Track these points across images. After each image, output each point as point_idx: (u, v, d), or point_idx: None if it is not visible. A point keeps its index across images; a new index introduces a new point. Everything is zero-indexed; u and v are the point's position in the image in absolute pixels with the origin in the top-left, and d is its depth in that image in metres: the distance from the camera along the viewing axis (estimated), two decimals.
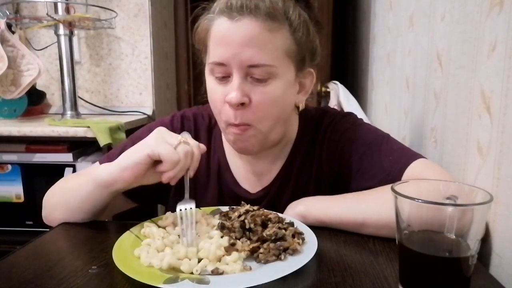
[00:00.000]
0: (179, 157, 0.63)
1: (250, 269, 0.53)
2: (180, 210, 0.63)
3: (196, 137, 0.84)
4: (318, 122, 0.81)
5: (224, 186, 0.82)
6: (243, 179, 0.82)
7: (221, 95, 0.70)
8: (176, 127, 0.83)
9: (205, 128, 0.84)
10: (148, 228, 0.63)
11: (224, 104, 0.70)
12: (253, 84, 0.68)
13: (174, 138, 0.65)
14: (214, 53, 0.69)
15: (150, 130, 0.83)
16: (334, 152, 0.78)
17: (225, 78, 0.69)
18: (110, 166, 0.67)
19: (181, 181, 0.68)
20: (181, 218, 0.62)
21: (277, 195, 0.80)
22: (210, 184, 0.82)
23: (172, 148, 0.63)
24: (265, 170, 0.81)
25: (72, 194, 0.73)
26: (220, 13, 0.68)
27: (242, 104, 0.68)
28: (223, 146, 0.83)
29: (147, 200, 0.85)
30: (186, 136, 0.67)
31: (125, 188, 0.67)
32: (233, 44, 0.66)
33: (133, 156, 0.64)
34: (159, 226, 0.65)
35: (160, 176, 0.64)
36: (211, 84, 0.72)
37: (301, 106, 0.78)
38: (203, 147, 0.68)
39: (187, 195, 0.66)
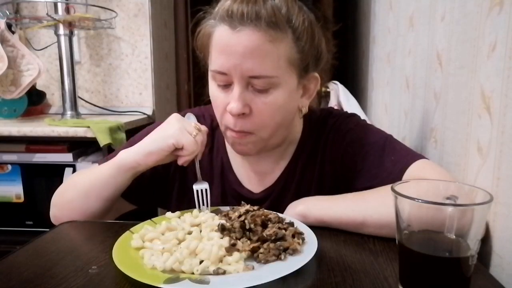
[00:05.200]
0: (198, 147, 0.71)
1: (253, 268, 0.54)
2: (197, 190, 0.73)
3: None
4: (322, 122, 0.81)
5: (227, 186, 0.82)
6: (246, 179, 0.82)
7: (222, 102, 0.70)
8: None
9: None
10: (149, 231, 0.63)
11: (225, 111, 0.70)
12: (254, 93, 0.68)
13: (192, 127, 0.72)
14: (215, 62, 0.69)
15: (148, 134, 0.83)
16: (337, 152, 0.78)
17: (226, 85, 0.69)
18: (133, 151, 0.72)
19: (183, 190, 0.76)
20: (197, 197, 0.72)
21: (280, 195, 0.80)
22: (214, 184, 0.82)
23: (193, 139, 0.70)
24: (268, 170, 0.81)
25: (91, 183, 0.75)
26: (222, 20, 0.67)
27: (243, 113, 0.68)
28: (226, 146, 0.83)
29: (148, 204, 0.86)
30: (196, 122, 0.76)
31: (145, 169, 0.74)
32: (234, 55, 0.65)
33: (159, 143, 0.71)
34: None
35: (174, 157, 0.72)
36: (213, 89, 0.72)
37: (304, 110, 0.77)
38: (205, 129, 0.75)
39: (199, 176, 0.75)
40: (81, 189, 0.76)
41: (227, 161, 0.83)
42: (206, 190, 0.73)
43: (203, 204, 0.73)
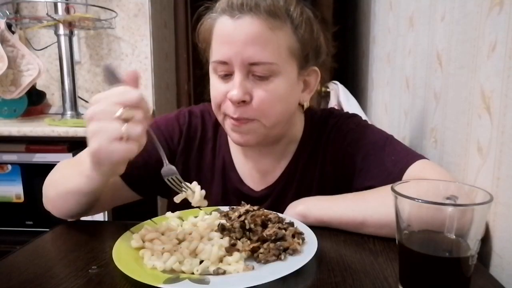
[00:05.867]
0: (137, 150, 0.53)
1: (253, 268, 0.54)
2: (168, 179, 0.61)
3: (203, 134, 0.83)
4: (323, 122, 0.82)
5: (229, 184, 0.82)
6: (247, 177, 0.82)
7: (222, 92, 0.70)
8: (182, 123, 0.83)
9: (211, 126, 0.85)
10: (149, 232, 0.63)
11: (225, 100, 0.70)
12: (255, 82, 0.69)
13: (114, 120, 0.51)
14: (216, 52, 0.70)
15: (155, 125, 0.82)
16: (338, 152, 0.78)
17: (227, 76, 0.70)
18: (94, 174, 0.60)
19: (186, 176, 0.68)
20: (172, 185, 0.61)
21: (281, 194, 0.80)
22: (215, 181, 0.83)
23: (126, 147, 0.52)
24: (269, 169, 0.81)
25: (68, 189, 0.67)
26: (222, 12, 0.69)
27: (244, 101, 0.68)
28: (228, 144, 0.83)
29: (152, 194, 0.85)
30: (126, 100, 0.52)
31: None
32: (235, 43, 0.67)
33: (99, 167, 0.57)
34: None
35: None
36: (214, 81, 0.72)
37: (306, 105, 0.78)
38: (136, 97, 0.53)
39: (165, 162, 0.61)
40: (60, 191, 0.70)
41: (229, 159, 0.83)
42: (176, 176, 0.62)
43: (182, 188, 0.61)
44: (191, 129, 0.83)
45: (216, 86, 0.72)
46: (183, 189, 0.62)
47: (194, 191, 0.62)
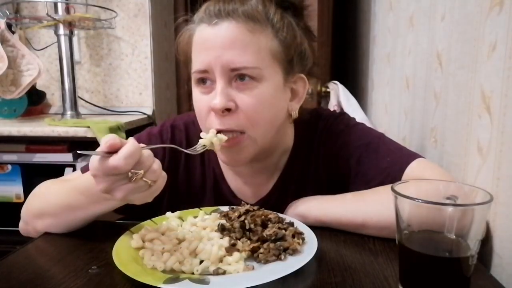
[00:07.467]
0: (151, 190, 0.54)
1: (253, 268, 0.54)
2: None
3: (188, 148, 0.80)
4: (312, 127, 0.79)
5: (221, 197, 0.80)
6: (239, 190, 0.80)
7: (205, 104, 0.67)
8: (165, 140, 0.80)
9: (197, 137, 0.79)
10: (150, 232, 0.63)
11: (209, 113, 0.67)
12: (239, 89, 0.66)
13: (141, 184, 0.52)
14: (196, 61, 0.68)
15: (138, 142, 0.80)
16: (330, 157, 0.77)
17: (209, 86, 0.67)
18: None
19: (174, 200, 0.68)
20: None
21: (276, 206, 0.76)
22: (206, 195, 0.80)
23: (156, 188, 0.54)
24: (262, 181, 0.79)
25: (76, 215, 0.67)
26: (200, 21, 0.67)
27: (228, 110, 0.65)
28: (217, 156, 0.80)
29: (137, 214, 0.76)
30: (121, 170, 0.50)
31: None
32: (214, 48, 0.65)
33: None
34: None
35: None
36: (196, 95, 0.70)
37: (294, 115, 0.75)
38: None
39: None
40: (62, 218, 0.67)
41: (220, 171, 0.80)
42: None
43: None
44: (175, 144, 0.78)
45: (199, 99, 0.69)
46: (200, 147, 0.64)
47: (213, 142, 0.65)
